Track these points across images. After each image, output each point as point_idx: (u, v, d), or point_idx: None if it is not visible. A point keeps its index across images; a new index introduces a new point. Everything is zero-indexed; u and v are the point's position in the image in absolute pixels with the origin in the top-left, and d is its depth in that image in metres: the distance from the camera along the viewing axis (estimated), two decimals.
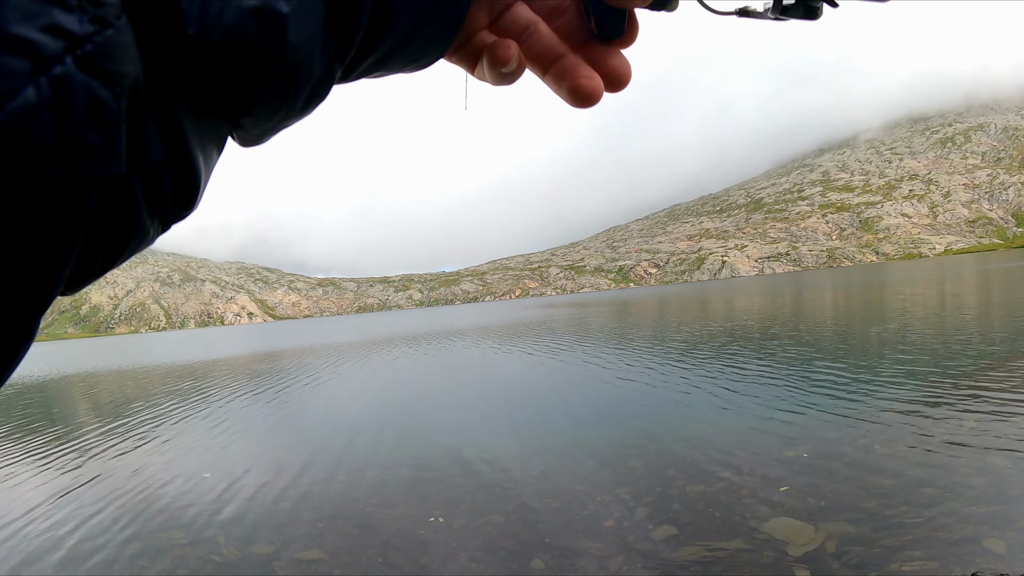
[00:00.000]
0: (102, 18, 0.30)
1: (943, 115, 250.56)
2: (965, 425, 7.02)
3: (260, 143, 0.48)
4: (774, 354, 13.89)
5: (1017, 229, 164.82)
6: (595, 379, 12.65)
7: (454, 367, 17.20)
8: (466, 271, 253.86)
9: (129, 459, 9.15)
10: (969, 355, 11.56)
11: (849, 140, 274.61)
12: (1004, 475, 5.48)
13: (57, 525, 6.38)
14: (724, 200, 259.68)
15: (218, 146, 0.42)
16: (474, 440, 8.32)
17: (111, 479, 8.00)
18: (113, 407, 14.59)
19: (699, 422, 8.21)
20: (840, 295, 35.84)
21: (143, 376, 19.67)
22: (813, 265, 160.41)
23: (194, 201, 0.41)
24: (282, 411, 12.23)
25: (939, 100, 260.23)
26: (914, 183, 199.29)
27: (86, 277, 0.38)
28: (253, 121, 0.42)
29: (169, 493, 7.20)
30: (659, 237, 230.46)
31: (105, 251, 0.37)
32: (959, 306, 22.51)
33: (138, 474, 8.14)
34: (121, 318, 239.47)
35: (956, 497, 5.08)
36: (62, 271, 0.34)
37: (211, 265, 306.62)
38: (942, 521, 4.70)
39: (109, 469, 8.59)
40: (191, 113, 0.36)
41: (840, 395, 9.06)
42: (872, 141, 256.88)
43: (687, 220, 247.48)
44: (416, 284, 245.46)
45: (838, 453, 6.41)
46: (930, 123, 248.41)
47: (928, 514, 4.83)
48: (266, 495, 6.76)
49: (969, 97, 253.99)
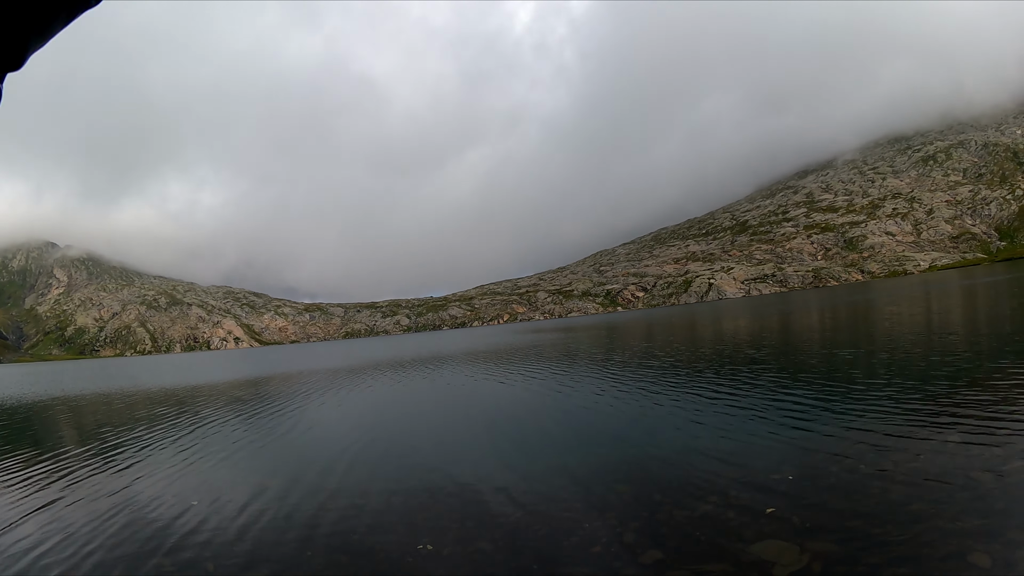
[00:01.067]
0: None
1: (924, 134, 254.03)
2: (949, 442, 7.06)
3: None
4: (759, 376, 13.93)
5: (1000, 243, 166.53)
6: (581, 404, 12.63)
7: (441, 393, 17.13)
8: (454, 296, 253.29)
9: (116, 484, 9.06)
10: (951, 372, 11.63)
11: (828, 163, 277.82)
12: (988, 490, 5.51)
13: (41, 551, 6.30)
14: (709, 223, 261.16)
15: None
16: (461, 467, 8.30)
17: (97, 504, 7.92)
18: (98, 431, 14.37)
19: (685, 446, 8.21)
20: (824, 315, 36.01)
21: (129, 400, 19.39)
22: (799, 285, 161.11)
23: None
24: (269, 438, 12.14)
25: (916, 120, 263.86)
26: (897, 201, 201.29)
27: None
28: None
29: (157, 519, 7.14)
30: (646, 261, 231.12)
31: None
32: (942, 323, 22.68)
33: (125, 500, 8.07)
34: (106, 340, 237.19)
35: (941, 514, 5.11)
36: None
37: (198, 289, 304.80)
38: (927, 538, 4.72)
39: (95, 493, 8.51)
40: None
41: (825, 416, 9.09)
42: (855, 161, 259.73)
43: (673, 243, 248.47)
44: (403, 309, 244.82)
45: (823, 474, 6.44)
46: (911, 142, 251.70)
47: (914, 531, 4.85)
48: (254, 522, 6.72)
49: (945, 116, 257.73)
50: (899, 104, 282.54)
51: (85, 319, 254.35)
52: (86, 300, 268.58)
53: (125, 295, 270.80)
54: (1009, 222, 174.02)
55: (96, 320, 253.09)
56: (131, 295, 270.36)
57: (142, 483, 9.09)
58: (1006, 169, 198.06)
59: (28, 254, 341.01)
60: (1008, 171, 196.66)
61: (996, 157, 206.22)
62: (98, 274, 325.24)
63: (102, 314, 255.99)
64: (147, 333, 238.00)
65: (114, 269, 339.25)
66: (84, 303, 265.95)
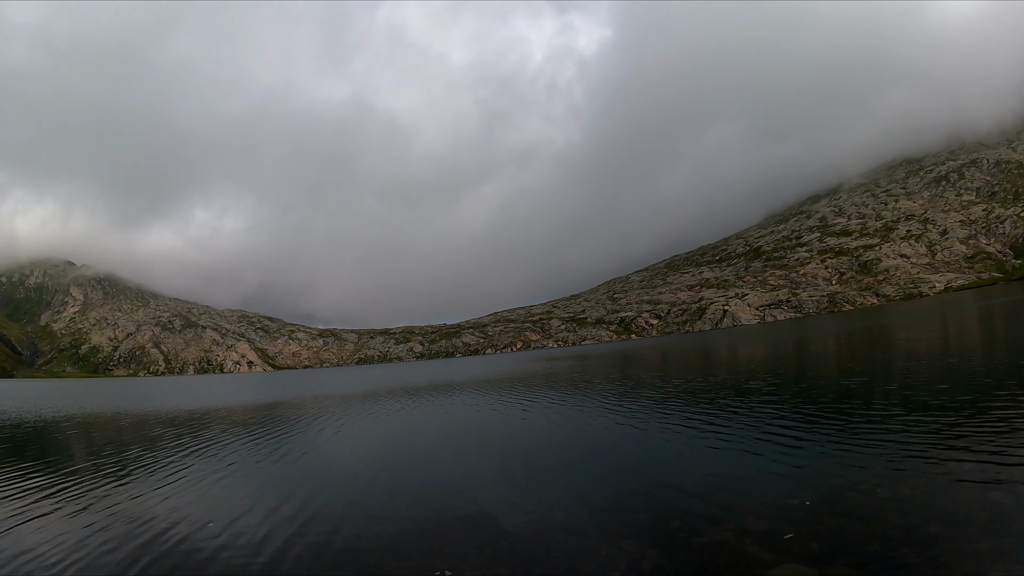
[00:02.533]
0: None
1: (935, 155, 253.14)
2: (965, 465, 7.06)
3: None
4: (774, 404, 13.89)
5: (1016, 261, 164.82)
6: (596, 432, 12.60)
7: (456, 420, 17.11)
8: (467, 323, 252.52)
9: (134, 504, 9.12)
10: (967, 396, 11.60)
11: (834, 189, 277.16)
12: (1006, 510, 5.52)
13: (62, 569, 6.35)
14: (723, 249, 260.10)
15: None
16: (478, 493, 8.31)
17: (117, 523, 7.97)
18: (118, 450, 14.35)
19: (701, 474, 8.21)
20: (840, 340, 35.81)
21: (146, 420, 19.18)
22: (814, 311, 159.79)
23: None
24: (285, 461, 12.16)
25: (919, 146, 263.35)
26: (911, 223, 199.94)
27: None
28: None
29: (174, 539, 7.21)
30: (659, 288, 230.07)
31: None
32: (958, 347, 22.54)
33: (143, 520, 8.12)
34: (120, 360, 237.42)
35: (958, 535, 5.12)
36: None
37: (213, 312, 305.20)
38: (945, 559, 4.74)
39: (115, 513, 8.55)
40: None
41: (841, 442, 9.07)
42: (866, 184, 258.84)
43: (686, 270, 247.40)
44: (417, 336, 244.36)
45: (840, 499, 6.44)
46: (923, 163, 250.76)
47: (931, 553, 4.86)
48: (271, 545, 6.77)
49: (950, 140, 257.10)
50: (901, 131, 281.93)
51: (100, 338, 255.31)
52: (101, 319, 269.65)
53: (140, 316, 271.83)
54: None
55: (110, 339, 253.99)
56: (146, 316, 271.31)
57: (161, 502, 9.13)
58: (1019, 186, 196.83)
59: (45, 272, 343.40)
60: (1021, 188, 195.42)
61: (1009, 174, 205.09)
62: (114, 294, 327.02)
63: (116, 334, 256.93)
64: (161, 354, 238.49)
65: (130, 290, 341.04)
66: (99, 322, 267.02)
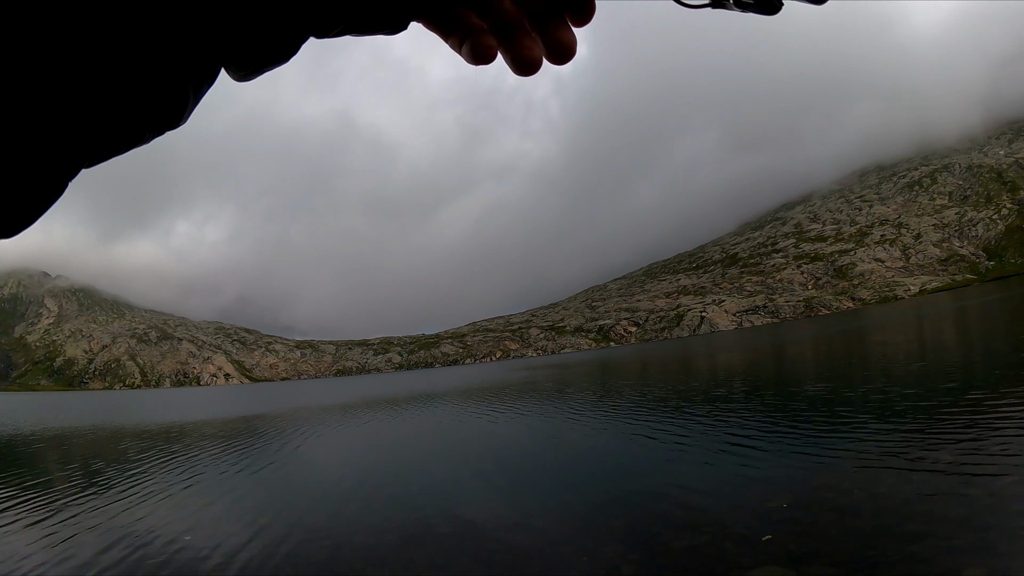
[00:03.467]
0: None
1: (908, 160, 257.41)
2: (941, 462, 7.11)
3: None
4: (752, 408, 13.97)
5: (989, 263, 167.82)
6: (576, 439, 12.61)
7: (434, 430, 17.01)
8: (446, 333, 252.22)
9: (108, 519, 8.92)
10: (941, 394, 11.72)
11: (806, 197, 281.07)
12: (982, 507, 5.56)
13: None
14: (700, 256, 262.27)
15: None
16: (457, 503, 8.25)
17: (89, 539, 7.78)
18: (90, 464, 14.11)
19: (681, 478, 8.21)
20: (816, 345, 36.14)
21: (120, 434, 18.88)
22: (791, 316, 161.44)
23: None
24: (262, 474, 12.02)
25: (890, 155, 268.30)
26: (885, 228, 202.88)
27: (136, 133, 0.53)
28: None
29: (150, 554, 7.07)
30: (637, 295, 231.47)
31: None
32: (932, 348, 22.81)
33: (118, 535, 7.94)
34: (96, 373, 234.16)
35: (936, 532, 5.14)
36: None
37: (189, 324, 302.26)
38: (923, 556, 4.75)
39: (88, 527, 8.38)
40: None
41: (818, 443, 9.13)
42: (841, 190, 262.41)
43: (664, 278, 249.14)
44: (395, 347, 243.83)
45: (818, 500, 6.46)
46: (896, 168, 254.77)
47: (909, 550, 4.88)
48: (249, 559, 6.66)
49: (918, 149, 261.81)
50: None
51: (75, 350, 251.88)
52: (76, 331, 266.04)
53: (115, 328, 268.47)
54: (996, 242, 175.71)
55: (86, 352, 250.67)
56: (121, 328, 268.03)
57: (135, 518, 8.96)
58: (991, 190, 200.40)
59: (20, 282, 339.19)
60: (993, 192, 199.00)
61: (981, 178, 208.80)
62: (89, 305, 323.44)
63: (92, 346, 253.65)
64: (137, 367, 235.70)
65: (105, 301, 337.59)
66: (74, 334, 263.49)
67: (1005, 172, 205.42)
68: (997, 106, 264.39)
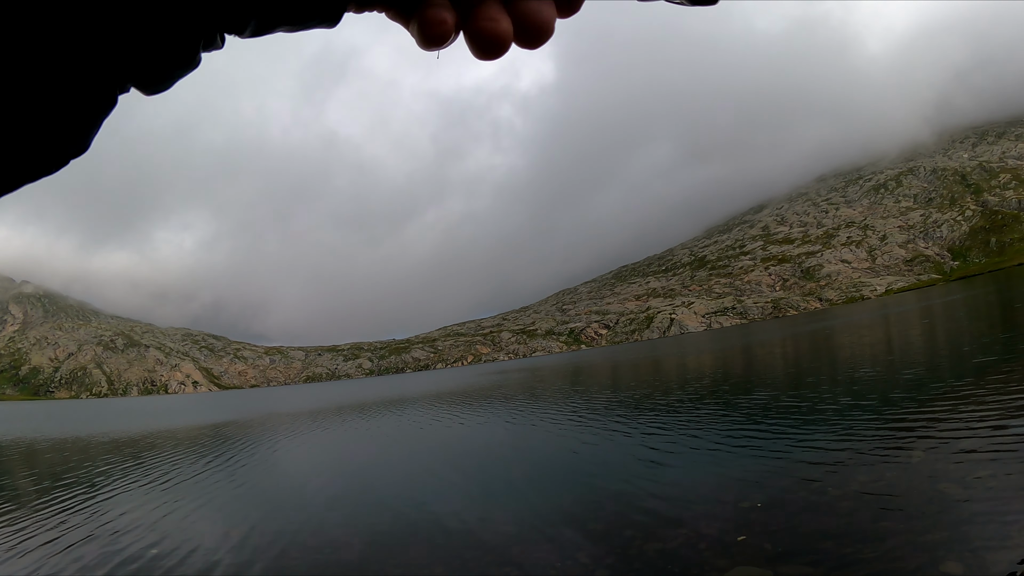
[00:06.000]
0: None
1: (874, 164, 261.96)
2: (914, 458, 7.14)
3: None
4: (724, 408, 14.00)
5: (953, 263, 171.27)
6: (548, 442, 12.56)
7: (406, 437, 16.82)
8: (416, 338, 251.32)
9: (70, 533, 8.63)
10: (911, 392, 11.82)
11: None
12: (955, 501, 5.57)
13: None
14: (668, 259, 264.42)
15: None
16: (430, 510, 8.14)
17: (54, 551, 7.52)
18: (53, 476, 13.67)
19: (654, 480, 8.18)
20: (784, 345, 36.47)
21: (85, 445, 18.28)
22: (759, 317, 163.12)
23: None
24: (232, 483, 11.77)
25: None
26: (851, 230, 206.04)
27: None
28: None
29: (114, 567, 6.83)
30: (607, 298, 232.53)
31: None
32: (900, 345, 23.09)
33: (80, 550, 7.70)
34: (61, 382, 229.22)
35: (911, 528, 5.13)
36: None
37: (156, 331, 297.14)
38: (899, 552, 4.74)
39: (49, 540, 8.09)
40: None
41: (791, 443, 9.15)
42: (808, 194, 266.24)
43: (634, 280, 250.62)
44: (366, 352, 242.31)
45: (792, 499, 6.45)
46: (862, 172, 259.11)
47: (885, 547, 4.86)
48: (219, 569, 6.47)
49: (879, 158, 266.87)
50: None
51: (40, 358, 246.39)
52: (41, 339, 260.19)
53: (81, 335, 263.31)
54: (960, 242, 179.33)
55: (51, 360, 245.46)
56: (87, 335, 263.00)
57: (100, 531, 8.69)
58: (955, 192, 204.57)
59: None
60: (957, 194, 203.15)
61: (945, 181, 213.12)
62: (55, 312, 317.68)
63: (57, 354, 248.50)
64: (103, 375, 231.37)
65: (71, 307, 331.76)
66: (39, 342, 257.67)
67: (969, 175, 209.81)
68: (950, 119, 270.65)
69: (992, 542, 4.68)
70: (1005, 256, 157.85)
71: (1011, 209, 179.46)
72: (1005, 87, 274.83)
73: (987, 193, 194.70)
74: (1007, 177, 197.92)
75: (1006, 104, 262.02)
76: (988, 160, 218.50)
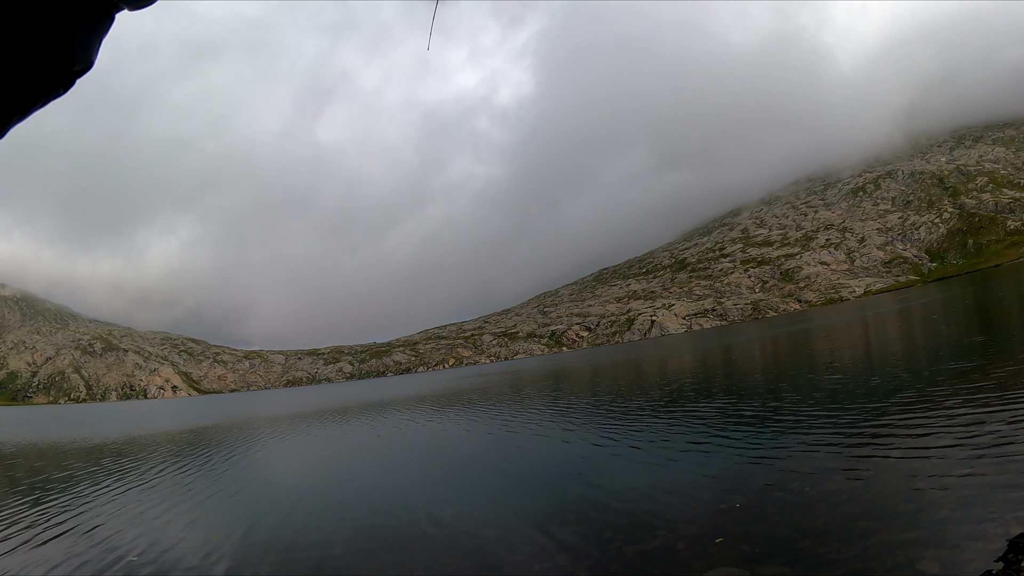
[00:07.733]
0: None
1: (852, 167, 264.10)
2: (891, 458, 7.17)
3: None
4: (702, 410, 14.01)
5: (931, 264, 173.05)
6: (527, 445, 12.52)
7: (389, 440, 16.72)
8: (397, 341, 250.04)
9: (51, 541, 8.43)
10: (888, 392, 11.87)
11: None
12: (932, 501, 5.60)
13: None
14: (649, 262, 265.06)
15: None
16: (412, 513, 8.08)
17: (31, 559, 7.37)
18: (32, 482, 13.38)
19: (633, 482, 8.19)
20: (763, 346, 36.65)
21: (64, 450, 17.92)
22: (739, 318, 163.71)
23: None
24: (213, 489, 11.65)
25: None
26: (830, 232, 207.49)
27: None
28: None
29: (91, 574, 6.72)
30: (588, 301, 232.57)
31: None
32: (877, 346, 23.28)
33: (60, 558, 7.55)
34: (40, 387, 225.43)
35: (888, 527, 5.15)
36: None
37: (134, 334, 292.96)
38: (876, 551, 4.75)
39: (28, 545, 7.92)
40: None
41: (769, 444, 9.16)
42: (786, 197, 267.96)
43: (615, 283, 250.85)
44: (346, 356, 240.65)
45: (770, 500, 6.46)
46: (840, 175, 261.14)
47: (862, 546, 4.88)
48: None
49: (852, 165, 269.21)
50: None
51: (18, 363, 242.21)
52: (19, 343, 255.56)
53: (59, 339, 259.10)
54: (938, 244, 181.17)
55: (29, 364, 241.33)
56: (65, 339, 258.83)
57: (81, 538, 8.55)
58: (933, 195, 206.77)
59: None
60: (935, 196, 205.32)
61: (923, 184, 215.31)
62: (32, 315, 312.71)
63: (35, 358, 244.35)
64: (82, 380, 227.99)
65: (48, 311, 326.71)
66: (16, 346, 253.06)
67: (947, 178, 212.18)
68: (926, 125, 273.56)
69: (968, 541, 4.70)
70: (982, 258, 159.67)
71: (988, 211, 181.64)
72: (981, 93, 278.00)
73: (964, 196, 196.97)
74: (984, 180, 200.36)
75: (982, 109, 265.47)
76: (965, 164, 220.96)
